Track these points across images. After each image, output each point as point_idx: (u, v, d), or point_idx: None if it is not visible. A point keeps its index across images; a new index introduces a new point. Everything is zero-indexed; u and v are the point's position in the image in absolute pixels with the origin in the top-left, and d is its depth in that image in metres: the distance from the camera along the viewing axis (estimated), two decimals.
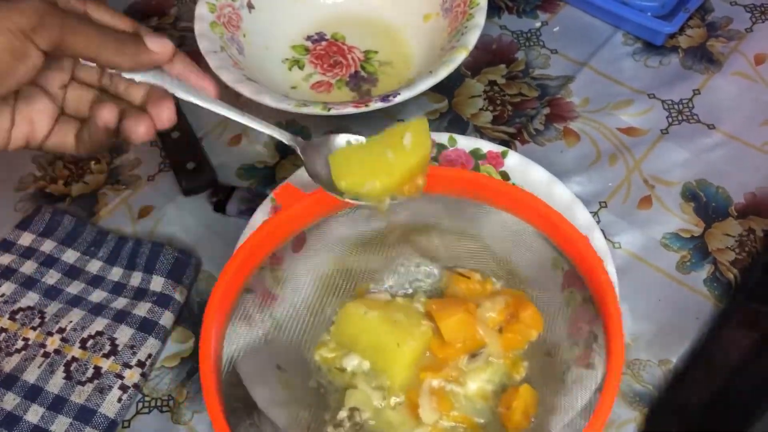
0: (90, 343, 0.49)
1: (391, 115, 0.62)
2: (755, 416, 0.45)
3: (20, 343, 0.50)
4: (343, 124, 0.61)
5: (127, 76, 0.38)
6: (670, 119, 0.62)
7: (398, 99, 0.54)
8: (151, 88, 0.39)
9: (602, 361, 0.37)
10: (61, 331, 0.50)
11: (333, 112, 0.53)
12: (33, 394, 0.47)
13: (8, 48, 0.33)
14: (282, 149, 0.61)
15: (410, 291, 0.49)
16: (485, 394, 0.41)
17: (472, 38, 0.57)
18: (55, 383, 0.48)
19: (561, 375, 0.41)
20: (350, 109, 0.54)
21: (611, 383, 0.35)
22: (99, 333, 0.49)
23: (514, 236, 0.44)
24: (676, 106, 0.63)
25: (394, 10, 0.67)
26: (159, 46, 0.37)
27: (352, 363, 0.44)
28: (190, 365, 0.50)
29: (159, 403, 0.49)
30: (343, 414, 0.42)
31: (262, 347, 0.43)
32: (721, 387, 0.49)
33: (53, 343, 0.49)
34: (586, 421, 0.36)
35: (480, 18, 0.59)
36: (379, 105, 0.54)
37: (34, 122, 0.39)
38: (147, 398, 0.49)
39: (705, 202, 0.57)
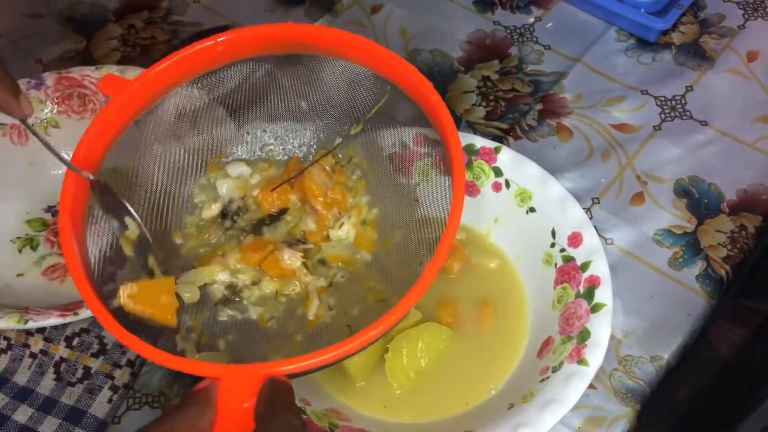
0: (76, 341, 0.49)
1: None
2: (746, 411, 0.45)
3: (3, 343, 0.49)
4: None
5: None
6: (662, 116, 0.62)
7: None
8: None
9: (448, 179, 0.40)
10: (41, 330, 0.49)
11: (30, 325, 0.45)
12: (23, 394, 0.47)
13: None
14: None
15: (263, 156, 0.49)
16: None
17: None
18: (46, 385, 0.47)
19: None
20: (54, 320, 0.45)
21: (458, 184, 0.38)
22: (84, 330, 0.49)
23: (351, 79, 0.45)
24: (668, 103, 0.63)
25: None
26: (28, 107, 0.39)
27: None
28: None
29: (150, 400, 0.48)
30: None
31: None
32: (712, 383, 0.49)
33: (37, 343, 0.49)
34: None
35: None
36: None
37: None
38: (138, 394, 0.48)
39: (697, 199, 0.57)
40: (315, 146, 0.49)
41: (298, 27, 0.42)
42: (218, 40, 0.42)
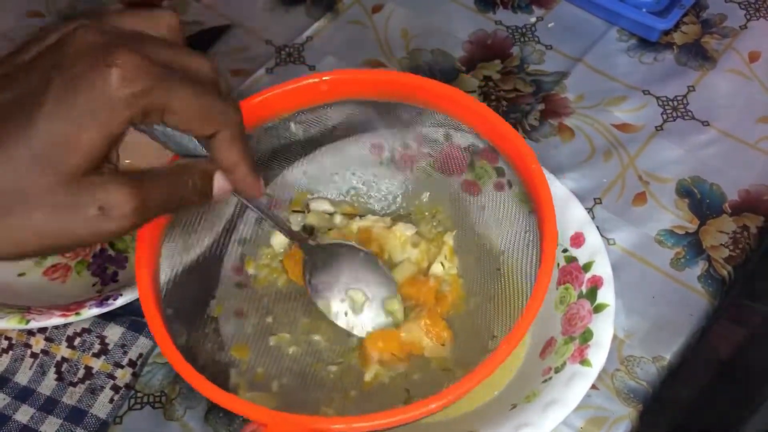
0: (77, 341, 0.49)
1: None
2: (749, 411, 0.45)
3: (4, 343, 0.49)
4: None
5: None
6: (664, 116, 0.62)
7: (121, 301, 0.46)
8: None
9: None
10: (42, 330, 0.49)
11: (32, 325, 0.45)
12: (24, 395, 0.47)
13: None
14: None
15: (347, 199, 0.49)
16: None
17: None
18: (48, 385, 0.47)
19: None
20: (55, 320, 0.45)
21: (547, 258, 0.36)
22: (85, 330, 0.49)
23: (448, 135, 0.45)
24: (670, 103, 0.63)
25: None
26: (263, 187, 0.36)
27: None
28: None
29: (151, 399, 0.48)
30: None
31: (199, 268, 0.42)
32: (714, 383, 0.49)
33: (38, 343, 0.49)
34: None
35: None
36: (94, 311, 0.45)
37: None
38: (139, 394, 0.48)
39: (699, 199, 0.57)
40: (401, 197, 0.49)
41: (403, 76, 0.42)
42: (323, 78, 0.41)
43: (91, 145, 0.27)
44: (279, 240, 0.47)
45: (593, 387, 0.47)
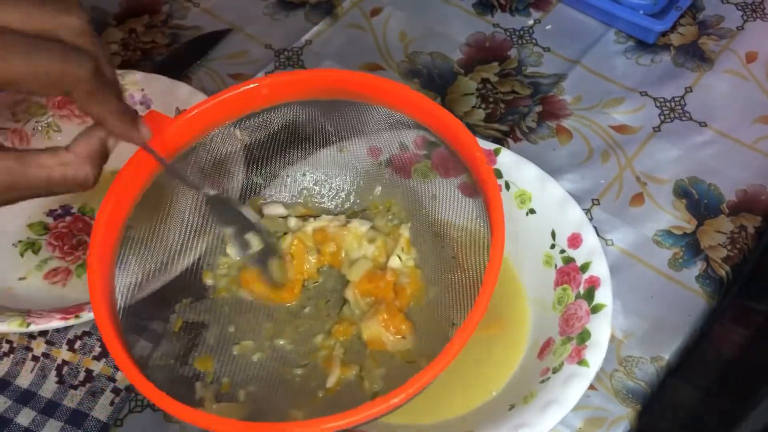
0: (78, 344, 0.49)
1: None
2: (747, 412, 0.45)
3: (5, 346, 0.49)
4: None
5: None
6: (662, 117, 0.62)
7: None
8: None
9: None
10: (43, 333, 0.49)
11: (32, 328, 0.45)
12: (25, 398, 0.47)
13: None
14: None
15: (300, 200, 0.49)
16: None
17: None
18: (49, 388, 0.48)
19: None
20: (56, 323, 0.45)
21: (497, 244, 0.36)
22: (86, 333, 0.49)
23: (392, 127, 0.44)
24: (668, 104, 0.63)
25: None
26: (146, 132, 0.37)
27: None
28: None
29: (152, 402, 0.48)
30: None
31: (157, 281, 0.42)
32: (713, 383, 0.49)
33: (39, 346, 0.49)
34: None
35: None
36: (91, 315, 0.45)
37: None
38: (140, 397, 0.49)
39: (697, 200, 0.57)
40: (354, 193, 0.49)
41: (338, 73, 0.41)
42: (263, 82, 0.41)
43: None
44: (234, 249, 0.45)
45: (592, 387, 0.48)
